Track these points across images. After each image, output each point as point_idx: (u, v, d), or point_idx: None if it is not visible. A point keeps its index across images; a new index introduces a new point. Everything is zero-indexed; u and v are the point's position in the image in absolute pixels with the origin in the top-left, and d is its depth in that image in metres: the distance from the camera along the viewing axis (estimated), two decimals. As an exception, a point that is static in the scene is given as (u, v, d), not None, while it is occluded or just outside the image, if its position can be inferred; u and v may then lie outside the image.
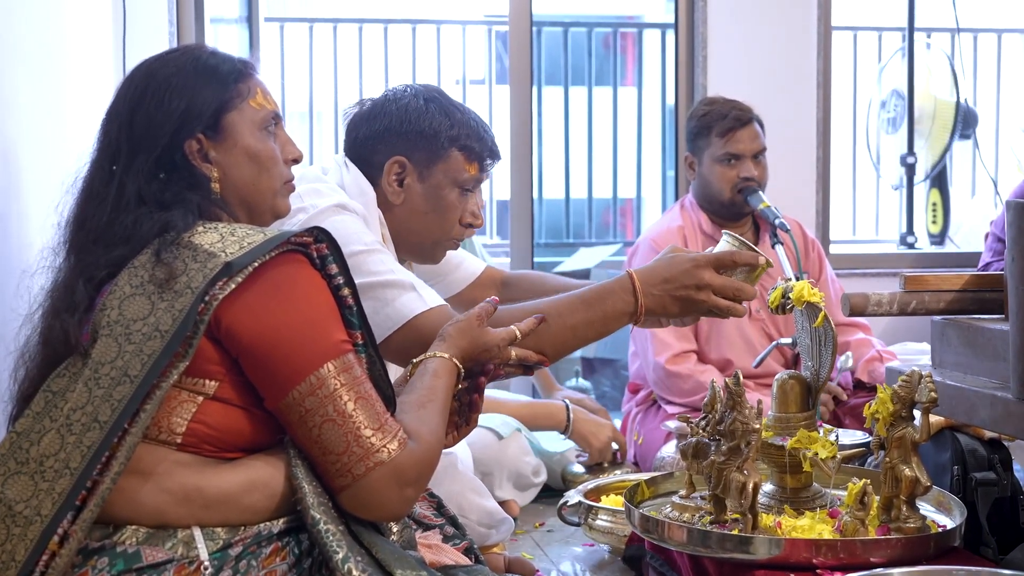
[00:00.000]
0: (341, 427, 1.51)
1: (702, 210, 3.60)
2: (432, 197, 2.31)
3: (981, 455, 2.26)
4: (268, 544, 1.53)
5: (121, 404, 1.48)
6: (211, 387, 1.54)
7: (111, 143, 1.66)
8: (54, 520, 1.47)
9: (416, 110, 2.31)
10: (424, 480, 1.59)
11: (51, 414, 1.53)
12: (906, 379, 1.98)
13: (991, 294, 2.21)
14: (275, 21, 6.09)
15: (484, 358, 1.81)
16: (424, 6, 6.72)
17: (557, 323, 1.95)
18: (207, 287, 1.50)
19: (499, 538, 2.73)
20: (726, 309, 1.97)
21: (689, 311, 1.99)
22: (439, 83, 6.20)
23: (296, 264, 1.57)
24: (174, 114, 1.64)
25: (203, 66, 1.68)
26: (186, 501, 1.50)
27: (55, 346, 1.59)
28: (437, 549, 1.74)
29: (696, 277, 1.95)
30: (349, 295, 1.61)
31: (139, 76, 1.69)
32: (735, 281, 1.97)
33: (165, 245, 1.55)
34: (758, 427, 1.97)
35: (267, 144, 1.71)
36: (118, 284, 1.56)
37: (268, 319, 1.52)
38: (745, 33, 4.38)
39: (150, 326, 1.51)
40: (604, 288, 1.99)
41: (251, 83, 1.71)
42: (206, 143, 1.66)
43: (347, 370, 1.54)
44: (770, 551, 1.90)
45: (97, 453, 1.48)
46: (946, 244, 4.91)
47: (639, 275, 1.97)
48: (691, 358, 3.48)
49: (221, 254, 1.53)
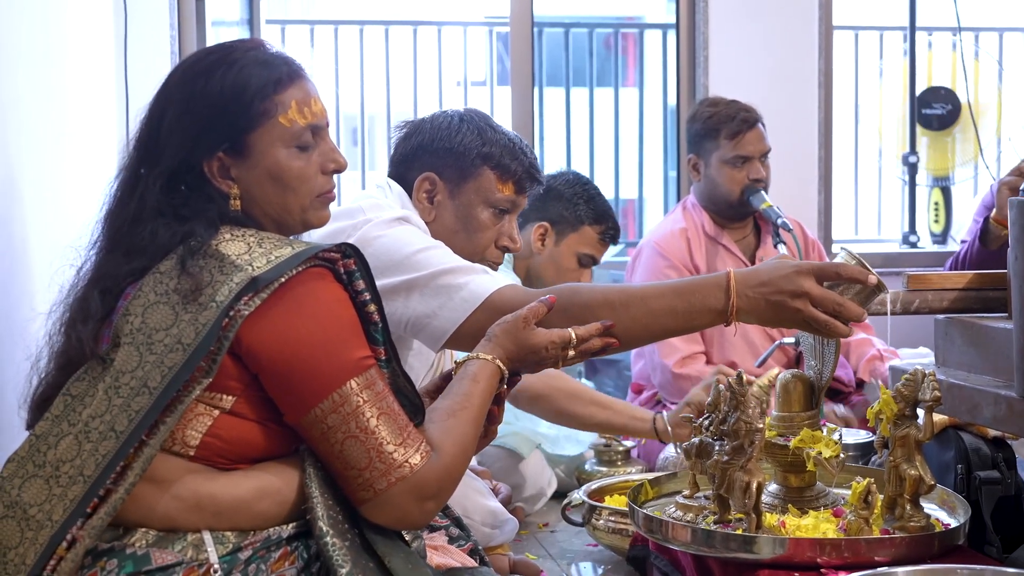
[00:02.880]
0: (364, 443, 1.51)
1: (705, 211, 3.60)
2: (463, 216, 2.30)
3: (985, 454, 2.25)
4: (277, 548, 1.53)
5: (139, 416, 1.48)
6: (228, 402, 1.54)
7: (142, 144, 1.65)
8: (64, 526, 1.47)
9: (448, 128, 2.31)
10: (447, 493, 1.58)
11: (69, 418, 1.52)
12: (910, 378, 1.98)
13: (994, 293, 2.20)
14: (276, 23, 6.08)
15: (533, 360, 1.76)
16: (425, 8, 6.72)
17: (640, 306, 1.85)
18: (232, 302, 1.49)
19: (503, 539, 2.73)
20: (824, 323, 1.83)
21: (783, 318, 1.86)
22: (440, 85, 6.21)
23: (320, 280, 1.55)
24: (194, 132, 1.61)
25: (233, 80, 1.62)
26: (198, 508, 1.51)
27: (71, 355, 1.59)
28: (443, 550, 1.74)
29: (795, 284, 1.82)
30: (375, 311, 1.59)
31: (174, 81, 1.66)
32: (835, 295, 1.84)
33: (190, 253, 1.54)
34: (761, 426, 1.97)
35: (294, 162, 1.65)
36: (143, 290, 1.55)
37: (290, 336, 1.51)
38: (746, 33, 4.38)
39: (172, 338, 1.50)
40: (698, 281, 1.90)
41: (286, 96, 1.65)
42: (227, 160, 1.63)
43: (370, 386, 1.53)
44: (774, 551, 1.90)
45: (111, 463, 1.47)
46: (948, 243, 4.91)
47: (738, 275, 1.86)
48: (699, 360, 3.47)
49: (248, 267, 1.52)
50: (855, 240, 5.89)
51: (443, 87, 6.24)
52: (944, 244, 4.92)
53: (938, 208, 4.96)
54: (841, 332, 1.86)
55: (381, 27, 6.20)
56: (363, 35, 6.20)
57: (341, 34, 6.19)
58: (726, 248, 3.55)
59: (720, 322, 1.87)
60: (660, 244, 3.48)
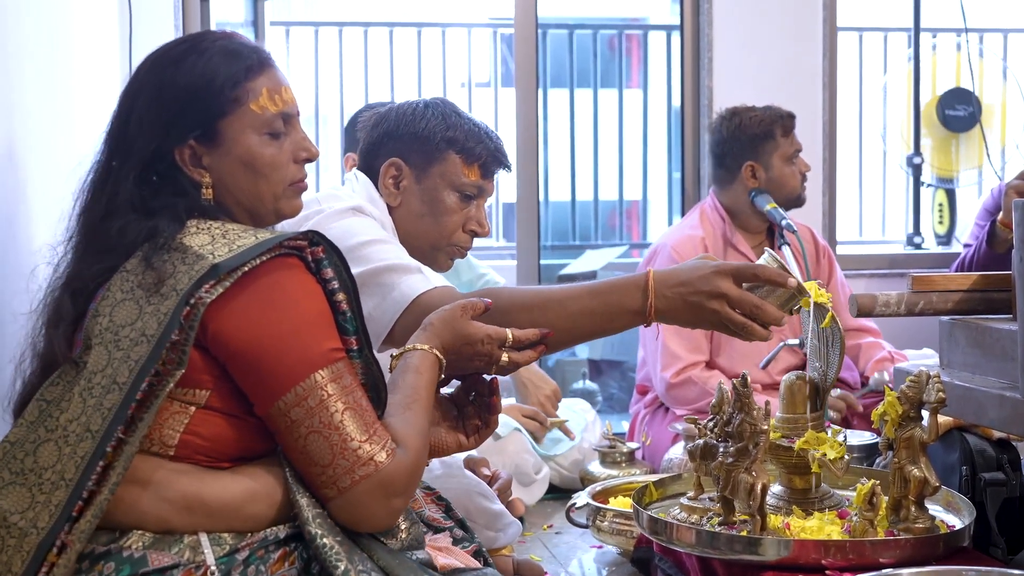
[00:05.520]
0: (327, 439, 1.49)
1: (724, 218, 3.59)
2: (429, 200, 2.31)
3: (990, 455, 2.25)
4: (276, 549, 1.52)
5: (111, 412, 1.46)
6: (202, 396, 1.52)
7: (113, 136, 1.64)
8: (51, 532, 1.45)
9: (413, 114, 2.33)
10: (412, 489, 1.56)
11: (46, 424, 1.51)
12: (914, 379, 1.98)
13: (999, 294, 2.20)
14: (280, 25, 6.09)
15: (468, 352, 1.72)
16: (429, 9, 6.73)
17: (557, 309, 1.83)
18: (192, 289, 1.47)
19: (506, 541, 2.73)
20: (741, 325, 1.81)
21: (701, 319, 1.83)
22: (444, 86, 6.22)
23: (288, 269, 1.54)
24: (164, 121, 1.60)
25: (203, 69, 1.61)
26: (188, 510, 1.49)
27: (47, 358, 1.58)
28: (447, 552, 1.74)
29: (712, 284, 1.79)
30: (344, 300, 1.57)
31: (142, 71, 1.65)
32: (754, 297, 1.81)
33: (155, 249, 1.53)
34: (766, 428, 1.97)
35: (266, 149, 1.65)
36: (111, 290, 1.54)
37: (256, 326, 1.49)
38: (750, 35, 4.38)
39: (137, 331, 1.49)
40: (616, 281, 1.87)
41: (257, 83, 1.64)
42: (199, 148, 1.62)
43: (337, 379, 1.51)
44: (779, 552, 1.90)
45: (91, 463, 1.46)
46: (952, 244, 4.91)
47: (657, 275, 1.84)
48: (698, 368, 3.47)
49: (209, 256, 1.50)
50: (860, 242, 5.90)
51: (447, 88, 6.25)
52: (948, 246, 4.92)
53: (942, 209, 4.96)
54: (759, 335, 1.83)
55: (385, 28, 6.21)
56: (367, 37, 6.21)
57: (345, 36, 6.21)
58: (743, 255, 3.55)
59: (639, 323, 1.85)
60: (677, 248, 3.48)
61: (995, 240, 3.45)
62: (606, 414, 4.84)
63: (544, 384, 3.51)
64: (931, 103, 4.94)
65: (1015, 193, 3.24)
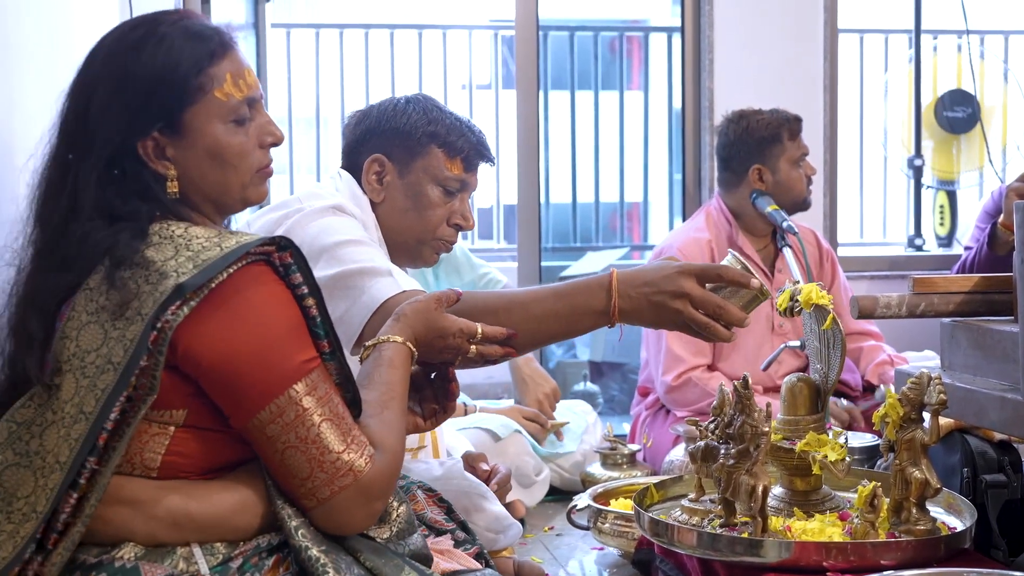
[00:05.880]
0: (305, 453, 1.46)
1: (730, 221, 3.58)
2: (412, 194, 2.33)
3: (991, 457, 2.25)
4: (269, 556, 1.51)
5: (78, 443, 1.42)
6: (179, 416, 1.48)
7: (68, 128, 1.56)
8: (12, 564, 1.41)
9: (395, 109, 2.35)
10: (391, 489, 1.54)
11: (15, 447, 1.47)
12: (915, 381, 1.98)
13: (1000, 296, 2.20)
14: (281, 27, 6.09)
15: (439, 345, 1.71)
16: (430, 11, 6.74)
17: (521, 311, 1.84)
18: (158, 312, 1.42)
19: (507, 543, 2.73)
20: (704, 326, 1.81)
21: (664, 319, 1.84)
22: (445, 88, 6.22)
23: (256, 281, 1.48)
24: (126, 113, 1.53)
25: (163, 58, 1.54)
26: (176, 526, 1.47)
27: (15, 375, 1.52)
28: (449, 555, 1.74)
29: (676, 284, 1.80)
30: (314, 305, 1.52)
31: (98, 59, 1.57)
32: (717, 298, 1.82)
33: (117, 264, 1.47)
34: (767, 430, 1.97)
35: (233, 138, 1.58)
36: (76, 309, 1.48)
37: (227, 344, 1.45)
38: (751, 37, 4.38)
39: (103, 358, 1.44)
40: (580, 282, 1.88)
41: (220, 69, 1.57)
42: (163, 140, 1.55)
43: (312, 391, 1.48)
44: (780, 554, 1.90)
45: (59, 495, 1.42)
46: (954, 246, 4.91)
47: (620, 275, 1.85)
48: (699, 369, 3.46)
49: (173, 274, 1.44)
50: (861, 243, 5.90)
51: (448, 90, 6.26)
52: (949, 247, 4.92)
53: (943, 211, 4.96)
54: (722, 336, 1.83)
55: (386, 31, 6.22)
56: (368, 39, 6.21)
57: (346, 38, 6.21)
58: (748, 257, 3.55)
59: (604, 323, 1.86)
60: (683, 251, 3.47)
61: (996, 242, 3.45)
62: (607, 416, 4.83)
63: (544, 382, 3.51)
64: (931, 105, 4.94)
65: (1015, 195, 3.24)
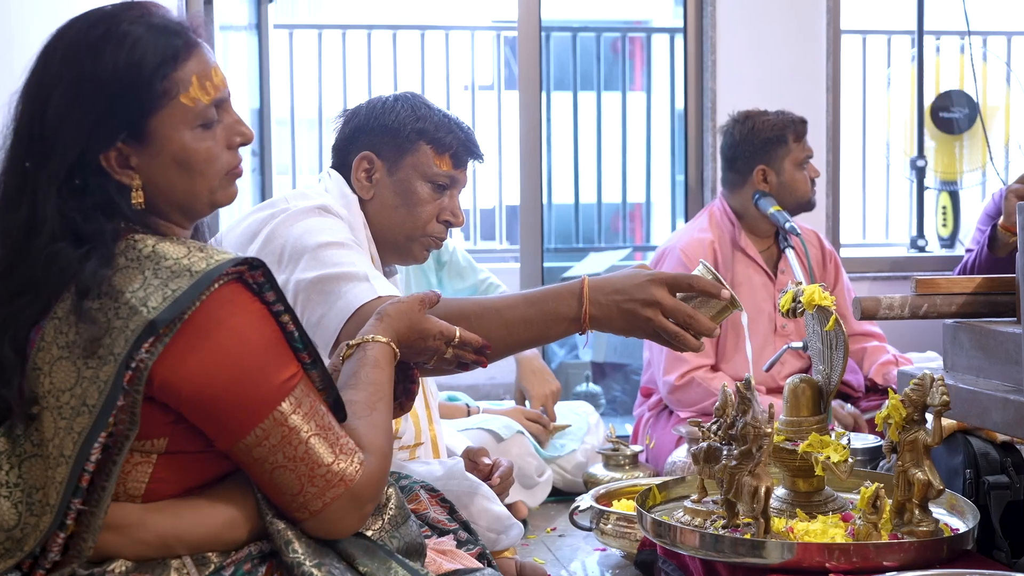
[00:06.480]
0: (293, 471, 1.45)
1: (733, 222, 3.58)
2: (401, 191, 2.33)
3: (994, 458, 2.25)
4: (262, 563, 1.49)
5: (63, 486, 1.40)
6: (161, 444, 1.46)
7: (23, 133, 1.48)
8: None
9: (383, 107, 2.36)
10: (382, 490, 1.54)
11: None
12: (918, 383, 1.98)
13: (1003, 297, 2.20)
14: (284, 28, 6.10)
15: (419, 346, 1.70)
16: (433, 12, 6.74)
17: (494, 318, 1.87)
18: (131, 351, 1.37)
19: (509, 543, 2.73)
20: (674, 334, 1.84)
21: (635, 327, 1.87)
22: (448, 89, 6.22)
23: (230, 303, 1.43)
24: (87, 122, 1.45)
25: (125, 61, 1.45)
26: (167, 547, 1.45)
27: None
28: (452, 556, 1.74)
29: (647, 292, 1.84)
30: (290, 321, 1.49)
31: (54, 60, 1.48)
32: (687, 307, 1.84)
33: (84, 293, 1.41)
34: (770, 431, 1.97)
35: (200, 144, 1.51)
36: (45, 340, 1.44)
37: (206, 373, 1.41)
38: (754, 37, 4.39)
39: (77, 399, 1.40)
40: (552, 289, 1.91)
41: (186, 71, 1.49)
42: (126, 149, 1.47)
43: (296, 409, 1.45)
44: (783, 555, 1.90)
45: (47, 535, 1.40)
46: (956, 247, 4.91)
47: (592, 282, 1.88)
48: (702, 370, 3.46)
49: (143, 309, 1.38)
50: (863, 244, 5.89)
51: (451, 91, 6.26)
52: (952, 248, 4.92)
53: (946, 212, 4.96)
54: (691, 345, 1.86)
55: (389, 31, 6.22)
56: (371, 40, 6.21)
57: (349, 39, 6.21)
58: (752, 259, 3.55)
59: (575, 330, 1.88)
60: (686, 251, 3.47)
61: (996, 244, 3.45)
62: (609, 417, 4.84)
63: (550, 380, 3.51)
64: (933, 105, 4.95)
65: (1015, 197, 3.24)
